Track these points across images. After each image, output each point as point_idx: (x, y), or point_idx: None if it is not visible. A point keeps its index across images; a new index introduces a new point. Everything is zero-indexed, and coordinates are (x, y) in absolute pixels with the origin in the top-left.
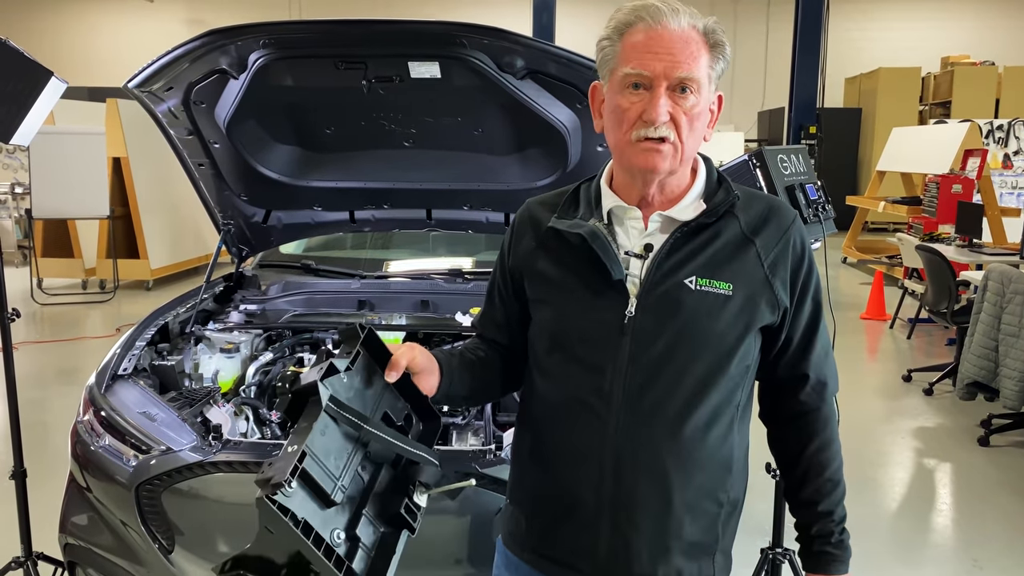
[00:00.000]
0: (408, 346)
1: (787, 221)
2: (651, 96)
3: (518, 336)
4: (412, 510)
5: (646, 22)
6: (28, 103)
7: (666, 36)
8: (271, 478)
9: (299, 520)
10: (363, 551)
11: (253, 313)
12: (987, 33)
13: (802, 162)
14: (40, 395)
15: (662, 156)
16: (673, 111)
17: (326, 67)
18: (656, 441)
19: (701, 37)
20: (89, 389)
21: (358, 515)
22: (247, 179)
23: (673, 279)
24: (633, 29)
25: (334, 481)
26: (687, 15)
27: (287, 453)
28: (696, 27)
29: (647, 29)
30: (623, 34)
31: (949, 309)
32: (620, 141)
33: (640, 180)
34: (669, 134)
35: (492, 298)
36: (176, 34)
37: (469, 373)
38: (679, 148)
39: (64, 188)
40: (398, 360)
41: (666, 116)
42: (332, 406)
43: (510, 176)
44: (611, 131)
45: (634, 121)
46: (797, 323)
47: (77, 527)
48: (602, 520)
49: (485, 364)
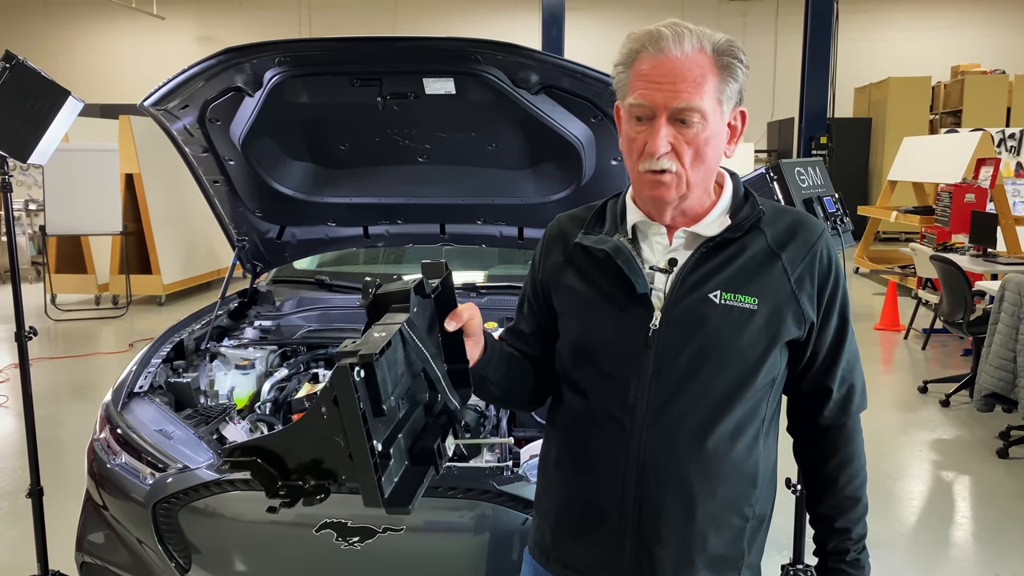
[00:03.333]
0: (470, 305)
1: (814, 235)
2: (652, 128)
3: (548, 347)
4: (442, 452)
5: (648, 51)
6: (46, 123)
7: (667, 65)
8: (358, 350)
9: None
10: (390, 472)
11: (268, 329)
12: (997, 41)
13: (819, 175)
14: (54, 411)
15: (666, 187)
16: (675, 141)
17: (341, 84)
18: (680, 454)
19: (709, 59)
20: (105, 407)
21: (392, 438)
22: (262, 195)
23: (698, 293)
24: (639, 57)
25: (388, 393)
26: (693, 38)
27: (374, 337)
28: (704, 50)
29: (650, 58)
30: (632, 62)
31: (965, 320)
32: (631, 170)
33: (652, 207)
34: (671, 165)
35: (522, 309)
36: (187, 51)
37: (506, 364)
38: (683, 177)
39: (77, 204)
40: (461, 312)
41: (667, 147)
42: (408, 328)
43: (524, 190)
44: (626, 159)
45: (640, 152)
46: (823, 337)
47: (94, 545)
48: (626, 532)
49: (520, 363)
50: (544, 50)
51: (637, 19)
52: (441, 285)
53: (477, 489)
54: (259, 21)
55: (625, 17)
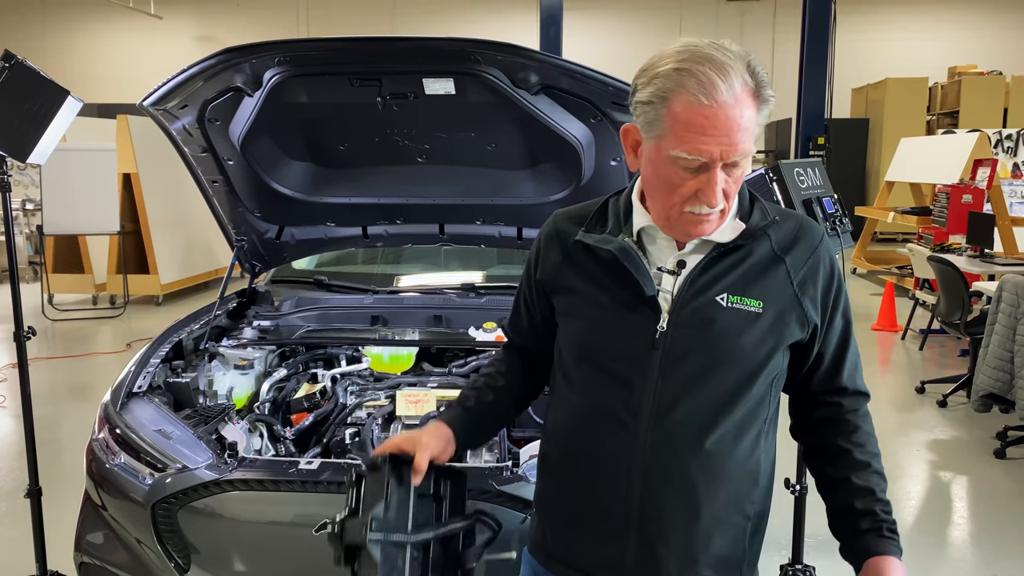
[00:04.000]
0: (423, 444)
1: (816, 240)
2: (708, 178)
3: (545, 341)
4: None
5: (697, 97)
6: (45, 123)
7: (721, 116)
8: None
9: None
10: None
11: (266, 329)
12: (994, 42)
13: (819, 175)
14: (52, 411)
15: (711, 224)
16: (726, 185)
17: (341, 84)
18: (685, 454)
19: (751, 94)
20: (104, 407)
21: None
22: (261, 195)
23: (705, 296)
24: (681, 100)
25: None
26: (738, 75)
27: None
28: (747, 85)
29: (700, 107)
30: (668, 101)
31: (962, 320)
32: (670, 209)
33: (683, 236)
34: (721, 204)
35: (519, 307)
36: (185, 51)
37: (489, 420)
38: (727, 210)
39: (75, 204)
40: (419, 465)
41: (722, 196)
42: (380, 545)
43: (523, 191)
44: (657, 193)
45: (687, 197)
46: (829, 339)
47: (92, 545)
48: (630, 532)
49: (499, 403)
50: (542, 50)
51: (635, 19)
52: (391, 475)
53: (476, 489)
54: (257, 21)
55: (623, 17)
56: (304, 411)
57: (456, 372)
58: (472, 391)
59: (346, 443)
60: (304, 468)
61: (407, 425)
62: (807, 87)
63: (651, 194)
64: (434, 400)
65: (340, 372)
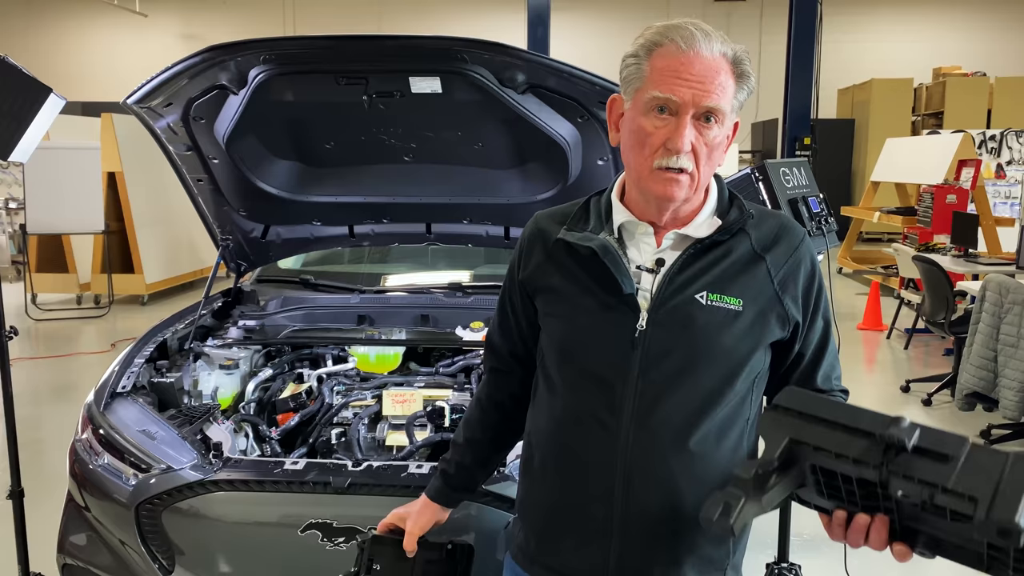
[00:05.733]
0: (411, 522)
1: (797, 239)
2: (677, 123)
3: (532, 344)
4: None
5: (677, 45)
6: (27, 120)
7: (697, 62)
8: None
9: None
10: None
11: (252, 329)
12: (978, 44)
13: (804, 175)
14: (35, 412)
15: (679, 186)
16: (695, 141)
17: (326, 82)
18: (667, 454)
19: (730, 66)
20: (88, 407)
21: None
22: (246, 194)
23: (684, 294)
24: (663, 50)
25: None
26: (718, 41)
27: None
28: (726, 55)
29: (678, 53)
30: (651, 53)
31: (947, 319)
32: (640, 165)
33: (655, 206)
34: (688, 165)
35: (504, 311)
36: (171, 49)
37: (483, 470)
38: (696, 178)
39: (59, 203)
40: (410, 544)
41: (689, 146)
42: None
43: (510, 190)
44: (630, 151)
45: (657, 148)
46: (810, 338)
47: (75, 547)
48: (614, 534)
49: (481, 447)
50: (530, 50)
51: (623, 19)
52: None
53: None
54: (243, 19)
55: (611, 17)
56: (290, 411)
57: (443, 372)
58: (450, 457)
59: (332, 443)
60: (289, 468)
61: (393, 425)
62: (793, 88)
63: (626, 156)
64: (420, 400)
65: (326, 372)
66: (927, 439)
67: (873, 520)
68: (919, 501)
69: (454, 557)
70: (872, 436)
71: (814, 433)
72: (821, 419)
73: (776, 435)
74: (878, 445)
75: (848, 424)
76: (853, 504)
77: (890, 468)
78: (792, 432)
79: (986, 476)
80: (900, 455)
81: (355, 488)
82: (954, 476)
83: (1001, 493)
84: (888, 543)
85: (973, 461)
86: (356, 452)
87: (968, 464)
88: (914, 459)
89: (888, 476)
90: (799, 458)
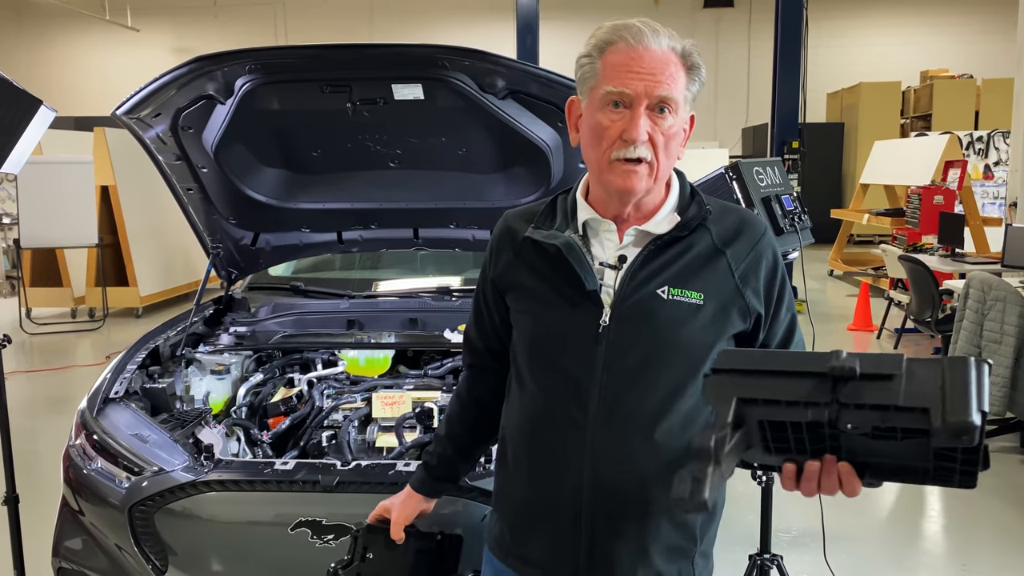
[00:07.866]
0: (396, 511)
1: (758, 234)
2: (631, 115)
3: (507, 341)
4: None
5: (627, 41)
6: (18, 131)
7: (647, 56)
8: None
9: None
10: None
11: (243, 335)
12: (965, 47)
13: (777, 174)
14: (30, 424)
15: (639, 177)
16: (651, 131)
17: (311, 91)
18: (632, 447)
19: (679, 59)
20: (81, 413)
21: None
22: (235, 202)
23: (646, 289)
24: (613, 48)
25: None
26: (667, 36)
27: None
28: (675, 49)
29: (628, 49)
30: (603, 52)
31: (933, 318)
32: (599, 160)
33: (617, 199)
34: (647, 154)
35: (479, 309)
36: (162, 62)
37: (465, 463)
38: (655, 167)
39: (52, 217)
40: (396, 533)
41: (645, 136)
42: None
43: (495, 194)
44: (589, 148)
45: (614, 140)
46: (775, 330)
47: (70, 551)
48: (582, 525)
49: (461, 441)
50: (519, 58)
51: None
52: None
53: None
54: (234, 31)
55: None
56: (281, 415)
57: (431, 374)
58: (433, 450)
59: (323, 446)
60: (279, 468)
61: (383, 427)
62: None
63: (586, 153)
64: (410, 402)
65: (316, 376)
66: (869, 364)
67: (823, 465)
68: (869, 428)
69: (443, 547)
70: (819, 375)
71: (761, 386)
72: (765, 371)
73: (724, 398)
74: (827, 381)
75: (793, 369)
76: (802, 452)
77: (841, 402)
78: (739, 391)
79: (930, 385)
80: (849, 385)
81: (343, 486)
82: (902, 393)
83: (949, 397)
84: (839, 484)
85: (913, 375)
86: (347, 454)
87: (910, 379)
88: (862, 385)
89: (839, 411)
90: (747, 417)
